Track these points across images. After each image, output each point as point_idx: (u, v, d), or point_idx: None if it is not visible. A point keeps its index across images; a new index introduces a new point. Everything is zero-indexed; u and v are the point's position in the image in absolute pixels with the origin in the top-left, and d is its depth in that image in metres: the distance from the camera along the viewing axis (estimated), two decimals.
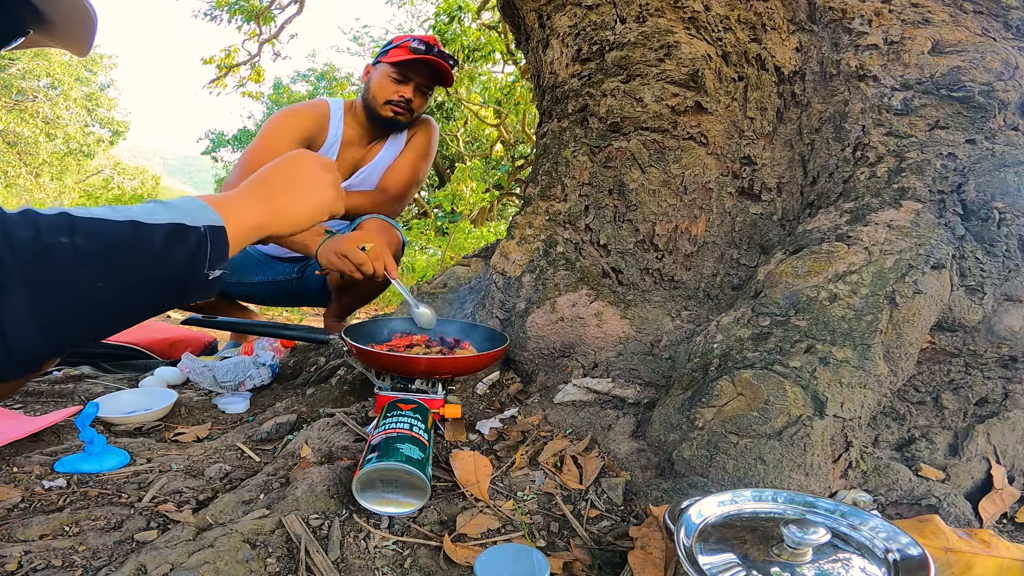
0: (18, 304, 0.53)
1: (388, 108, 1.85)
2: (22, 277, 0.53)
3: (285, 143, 1.78)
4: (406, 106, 1.85)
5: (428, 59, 1.77)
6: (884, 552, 0.59)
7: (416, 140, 2.02)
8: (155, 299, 0.64)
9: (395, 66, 1.80)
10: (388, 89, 1.83)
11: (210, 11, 8.57)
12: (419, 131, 2.04)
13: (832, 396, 0.89)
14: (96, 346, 1.77)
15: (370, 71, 1.91)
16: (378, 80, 1.85)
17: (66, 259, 0.55)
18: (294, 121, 1.83)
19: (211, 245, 0.64)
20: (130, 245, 0.59)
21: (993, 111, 1.10)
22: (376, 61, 1.89)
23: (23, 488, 0.88)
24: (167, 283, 0.63)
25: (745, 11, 1.32)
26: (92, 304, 0.58)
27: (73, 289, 0.56)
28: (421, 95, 1.88)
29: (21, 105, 14.65)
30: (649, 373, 1.17)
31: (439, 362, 1.10)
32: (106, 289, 0.58)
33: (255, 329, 1.44)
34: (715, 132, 1.35)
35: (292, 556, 0.73)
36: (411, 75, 1.82)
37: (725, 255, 1.36)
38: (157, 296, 0.64)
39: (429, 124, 2.07)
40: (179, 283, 0.64)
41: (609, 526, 0.84)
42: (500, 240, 1.53)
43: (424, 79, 1.84)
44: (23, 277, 0.53)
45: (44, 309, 0.54)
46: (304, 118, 1.84)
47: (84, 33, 0.85)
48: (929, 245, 1.01)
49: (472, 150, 10.42)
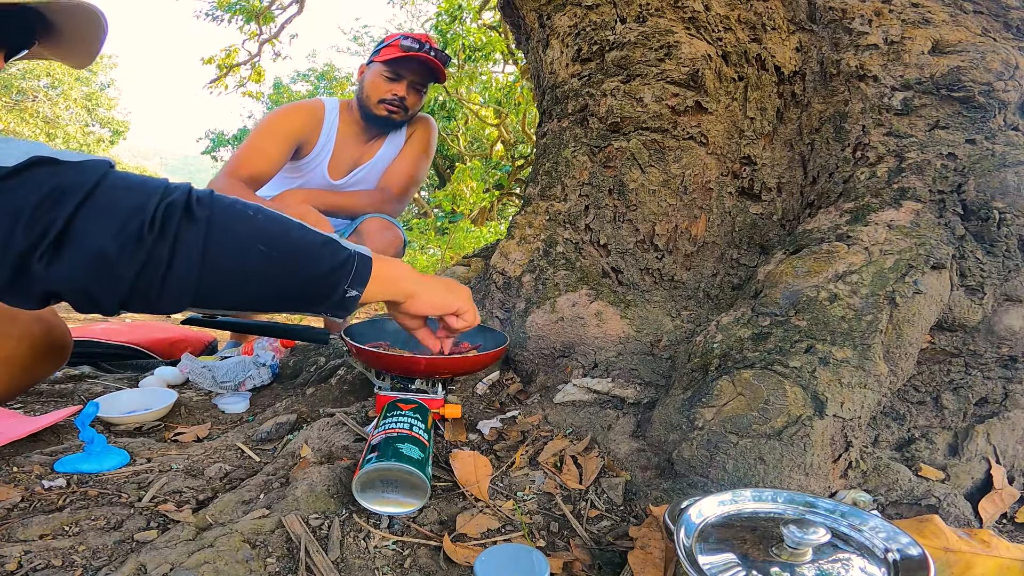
0: (193, 248, 0.60)
1: (382, 107, 1.85)
2: (208, 227, 0.61)
3: (276, 144, 1.78)
4: (400, 104, 1.85)
5: (420, 56, 1.77)
6: (884, 552, 0.59)
7: (415, 139, 2.03)
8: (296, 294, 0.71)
9: (387, 64, 1.81)
10: (381, 88, 1.84)
11: (211, 11, 8.58)
12: (418, 129, 2.04)
13: (832, 396, 0.89)
14: (96, 346, 1.77)
15: (364, 71, 1.91)
16: (371, 79, 1.85)
17: (249, 229, 0.65)
18: (285, 122, 1.83)
19: (356, 267, 0.73)
20: (298, 237, 0.69)
21: (993, 111, 1.10)
22: (370, 61, 1.89)
23: (23, 488, 0.88)
24: (310, 281, 0.71)
25: (745, 11, 1.32)
26: (250, 274, 0.66)
27: (243, 255, 0.64)
28: (415, 92, 1.88)
29: (21, 105, 14.65)
30: (649, 373, 1.17)
31: (439, 362, 1.10)
32: (266, 266, 0.66)
33: (255, 329, 1.44)
34: (715, 132, 1.34)
35: (292, 556, 0.73)
36: (404, 73, 1.82)
37: (725, 255, 1.36)
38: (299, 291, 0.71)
39: (428, 122, 2.07)
40: (320, 286, 0.72)
41: (609, 526, 0.84)
42: (500, 240, 1.53)
43: (417, 76, 1.84)
44: (209, 227, 0.61)
45: (212, 263, 0.62)
46: (296, 118, 1.85)
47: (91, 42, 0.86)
48: (929, 245, 1.01)
49: (472, 150, 10.41)
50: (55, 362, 1.16)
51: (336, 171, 1.95)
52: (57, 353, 1.14)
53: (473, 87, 9.05)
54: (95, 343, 1.77)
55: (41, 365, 1.12)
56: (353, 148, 1.95)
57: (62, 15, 0.81)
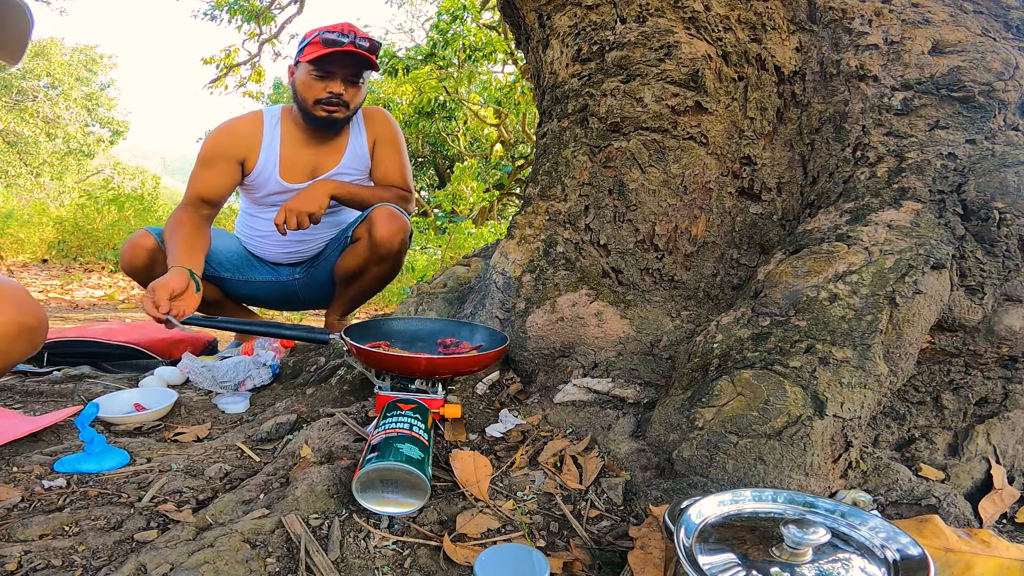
0: None
1: (320, 108, 1.76)
2: None
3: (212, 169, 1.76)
4: (339, 101, 1.76)
5: (345, 49, 1.68)
6: (884, 552, 0.59)
7: (385, 137, 1.95)
8: None
9: (314, 64, 1.72)
10: (315, 88, 1.74)
11: (210, 11, 8.57)
12: (379, 127, 1.96)
13: (832, 396, 0.89)
14: (96, 346, 1.77)
15: (293, 71, 1.82)
16: (302, 80, 1.76)
17: None
18: (214, 148, 1.79)
19: None
20: None
21: (993, 111, 1.10)
22: (296, 61, 1.80)
23: (23, 488, 0.88)
24: None
25: (745, 11, 1.32)
26: None
27: None
28: (352, 84, 1.78)
29: (21, 105, 14.64)
30: (649, 373, 1.17)
31: (439, 362, 1.10)
32: None
33: (255, 329, 1.44)
34: (715, 132, 1.35)
35: (292, 556, 0.73)
36: (333, 69, 1.73)
37: (725, 255, 1.36)
38: None
39: (385, 116, 1.99)
40: None
41: (609, 526, 0.84)
42: (500, 240, 1.53)
43: (349, 69, 1.74)
44: None
45: None
46: (223, 142, 1.80)
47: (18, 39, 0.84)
48: (929, 245, 1.01)
49: (472, 150, 10.41)
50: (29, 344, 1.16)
51: (291, 176, 1.89)
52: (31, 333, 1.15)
53: (473, 87, 9.05)
54: (95, 343, 1.77)
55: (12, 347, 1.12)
56: (305, 151, 1.89)
57: None
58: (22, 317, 1.12)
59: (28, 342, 1.15)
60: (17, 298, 1.12)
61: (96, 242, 6.37)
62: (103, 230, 6.41)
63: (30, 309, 1.14)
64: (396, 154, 1.98)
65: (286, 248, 2.02)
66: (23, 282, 4.92)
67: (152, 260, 1.83)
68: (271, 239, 1.98)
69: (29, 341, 1.15)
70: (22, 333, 1.12)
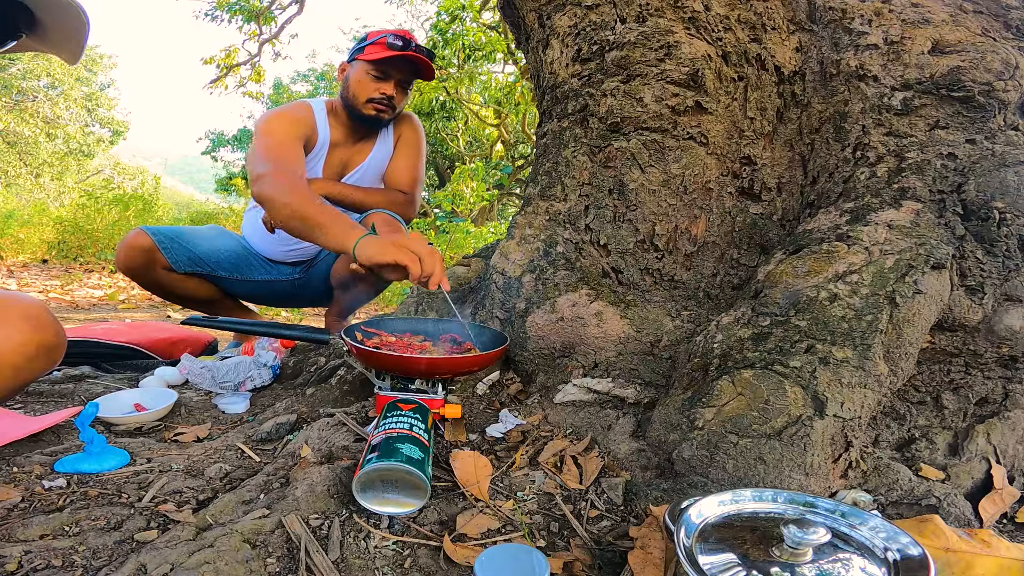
0: None
1: (370, 107, 1.82)
2: None
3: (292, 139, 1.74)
4: (388, 103, 1.82)
5: (408, 55, 1.74)
6: (884, 552, 0.59)
7: (408, 140, 2.00)
8: None
9: (374, 64, 1.77)
10: (369, 87, 1.80)
11: (210, 11, 8.57)
12: (406, 129, 2.01)
13: (832, 396, 0.89)
14: (96, 346, 1.77)
15: (347, 69, 1.87)
16: (357, 78, 1.81)
17: None
18: (290, 119, 1.80)
19: None
20: None
21: (993, 111, 1.10)
22: (352, 59, 1.85)
23: (23, 488, 0.88)
24: None
25: (745, 11, 1.32)
26: None
27: None
28: (402, 91, 1.86)
29: (21, 105, 14.65)
30: (649, 373, 1.17)
31: (439, 362, 1.10)
32: None
33: (255, 329, 1.44)
34: (715, 132, 1.34)
35: (292, 556, 0.73)
36: (391, 72, 1.79)
37: (725, 255, 1.36)
38: None
39: (414, 120, 2.04)
40: None
41: (609, 526, 0.84)
42: (500, 240, 1.53)
43: (404, 75, 1.82)
44: None
45: None
46: (297, 120, 1.81)
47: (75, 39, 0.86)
48: (929, 245, 1.01)
49: (472, 150, 10.41)
50: (47, 361, 1.16)
51: (329, 173, 1.93)
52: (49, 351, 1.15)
53: (473, 87, 9.05)
54: (95, 343, 1.77)
55: (32, 364, 1.13)
56: (343, 149, 1.93)
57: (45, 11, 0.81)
58: (41, 335, 1.12)
59: (47, 359, 1.15)
60: (36, 315, 1.12)
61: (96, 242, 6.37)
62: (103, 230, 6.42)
63: (49, 326, 1.14)
64: (411, 159, 2.00)
65: (288, 246, 2.02)
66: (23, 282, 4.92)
67: (148, 260, 1.83)
68: (276, 235, 1.99)
69: (48, 358, 1.15)
70: (40, 351, 1.12)
